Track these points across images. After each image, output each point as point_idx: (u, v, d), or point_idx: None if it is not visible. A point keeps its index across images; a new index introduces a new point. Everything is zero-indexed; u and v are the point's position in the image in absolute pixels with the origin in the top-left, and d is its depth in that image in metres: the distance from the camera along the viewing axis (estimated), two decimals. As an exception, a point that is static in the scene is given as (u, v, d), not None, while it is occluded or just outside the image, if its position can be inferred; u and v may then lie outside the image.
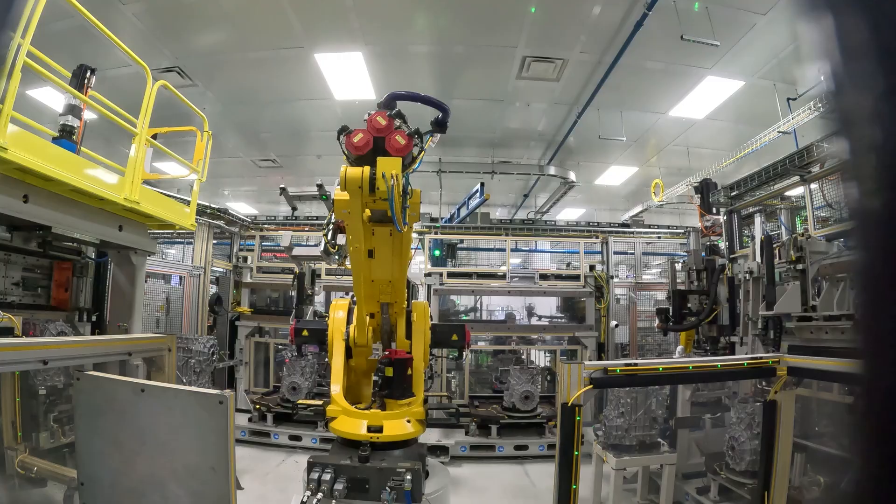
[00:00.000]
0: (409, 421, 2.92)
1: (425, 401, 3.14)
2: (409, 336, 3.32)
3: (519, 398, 7.30)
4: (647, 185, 10.45)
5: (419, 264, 8.80)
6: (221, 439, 2.55)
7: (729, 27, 6.19)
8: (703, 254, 6.35)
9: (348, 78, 7.85)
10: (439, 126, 2.67)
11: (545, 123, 9.58)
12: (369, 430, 2.86)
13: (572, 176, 10.83)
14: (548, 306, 10.97)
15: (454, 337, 3.28)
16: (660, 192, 9.83)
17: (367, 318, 3.21)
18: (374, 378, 3.12)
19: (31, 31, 2.88)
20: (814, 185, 5.68)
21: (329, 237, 3.32)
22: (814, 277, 4.29)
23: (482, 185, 10.07)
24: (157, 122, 4.36)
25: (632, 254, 10.57)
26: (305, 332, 3.36)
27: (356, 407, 3.01)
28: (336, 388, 3.10)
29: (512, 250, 10.09)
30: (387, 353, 3.05)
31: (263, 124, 9.84)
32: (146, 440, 2.74)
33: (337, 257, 3.43)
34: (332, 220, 3.23)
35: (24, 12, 2.66)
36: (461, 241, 10.70)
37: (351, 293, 3.28)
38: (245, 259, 9.27)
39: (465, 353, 3.36)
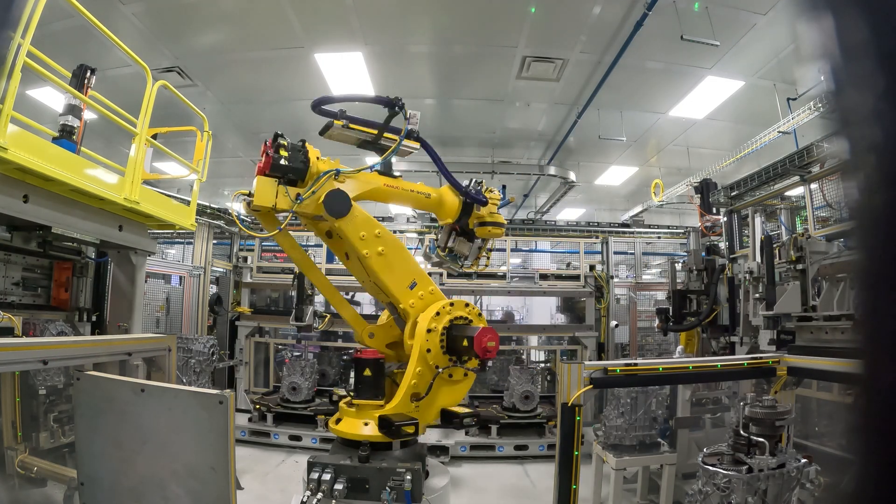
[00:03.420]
0: (366, 423, 2.78)
1: None
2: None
3: (519, 398, 7.31)
4: (647, 185, 10.45)
5: (419, 264, 8.78)
6: (221, 439, 2.55)
7: (729, 27, 6.18)
8: (703, 254, 6.35)
9: (348, 78, 7.84)
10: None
11: (545, 123, 9.58)
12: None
13: (572, 176, 10.83)
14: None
15: (464, 343, 2.75)
16: (660, 192, 9.83)
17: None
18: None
19: (31, 31, 2.88)
20: (814, 185, 5.68)
21: (439, 240, 3.32)
22: (814, 277, 4.29)
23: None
24: (157, 122, 4.37)
25: (632, 254, 10.57)
26: None
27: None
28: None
29: (512, 250, 10.08)
30: (358, 352, 3.05)
31: (263, 124, 9.82)
32: (146, 440, 2.74)
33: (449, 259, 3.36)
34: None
35: (24, 12, 2.66)
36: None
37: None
38: (245, 259, 9.28)
39: (486, 365, 2.82)
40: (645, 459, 4.92)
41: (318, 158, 2.85)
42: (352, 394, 2.97)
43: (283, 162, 2.70)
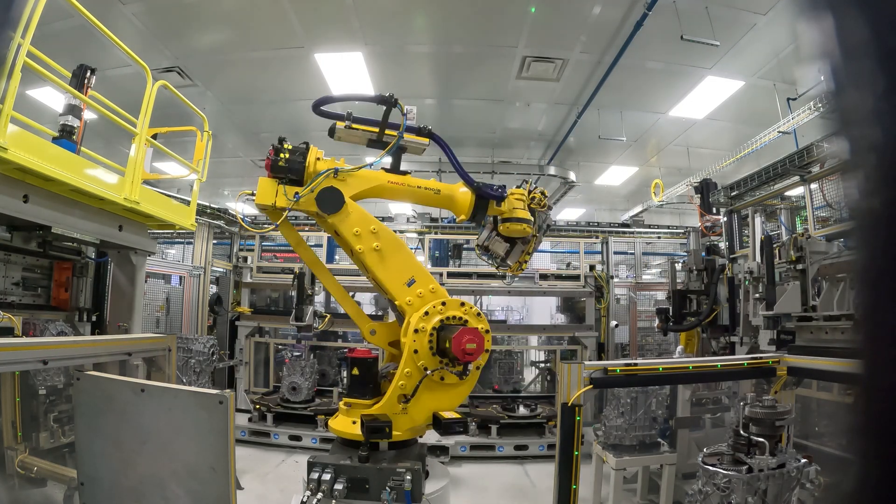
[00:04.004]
0: (354, 422, 2.76)
1: None
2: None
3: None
4: (647, 185, 10.45)
5: (421, 262, 8.78)
6: (221, 439, 2.55)
7: (729, 27, 6.19)
8: (703, 254, 6.35)
9: (348, 78, 7.85)
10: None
11: (545, 123, 9.58)
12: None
13: (572, 176, 10.83)
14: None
15: (447, 345, 2.61)
16: (660, 192, 9.83)
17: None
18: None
19: (31, 31, 2.88)
20: (814, 185, 5.67)
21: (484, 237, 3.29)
22: (814, 277, 4.29)
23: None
24: (157, 121, 4.36)
25: (632, 254, 10.57)
26: None
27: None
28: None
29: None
30: (350, 351, 3.06)
31: (263, 124, 9.84)
32: (146, 440, 2.74)
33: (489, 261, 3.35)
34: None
35: (24, 12, 2.66)
36: (466, 241, 10.65)
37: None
38: (245, 259, 9.27)
39: (467, 368, 2.70)
40: (645, 459, 4.92)
41: (317, 159, 2.88)
42: (342, 392, 2.99)
43: (281, 163, 2.82)
